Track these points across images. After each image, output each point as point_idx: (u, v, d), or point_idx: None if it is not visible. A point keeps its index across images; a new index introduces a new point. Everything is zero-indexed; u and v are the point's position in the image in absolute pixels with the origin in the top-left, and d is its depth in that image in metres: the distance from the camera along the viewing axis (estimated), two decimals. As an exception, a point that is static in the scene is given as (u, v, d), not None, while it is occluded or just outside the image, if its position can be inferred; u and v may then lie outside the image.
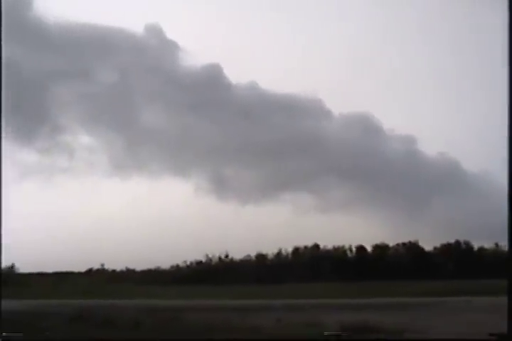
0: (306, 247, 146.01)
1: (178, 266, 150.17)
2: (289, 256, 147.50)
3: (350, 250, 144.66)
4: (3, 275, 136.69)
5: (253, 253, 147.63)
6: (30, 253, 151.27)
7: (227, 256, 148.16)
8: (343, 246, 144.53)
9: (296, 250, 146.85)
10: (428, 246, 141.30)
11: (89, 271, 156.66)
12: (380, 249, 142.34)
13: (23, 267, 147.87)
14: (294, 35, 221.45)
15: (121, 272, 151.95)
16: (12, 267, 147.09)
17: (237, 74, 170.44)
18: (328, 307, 57.78)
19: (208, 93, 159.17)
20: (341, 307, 56.76)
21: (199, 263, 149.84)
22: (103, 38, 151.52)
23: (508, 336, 16.17)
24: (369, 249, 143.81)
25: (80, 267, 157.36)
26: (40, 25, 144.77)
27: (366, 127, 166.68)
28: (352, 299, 72.50)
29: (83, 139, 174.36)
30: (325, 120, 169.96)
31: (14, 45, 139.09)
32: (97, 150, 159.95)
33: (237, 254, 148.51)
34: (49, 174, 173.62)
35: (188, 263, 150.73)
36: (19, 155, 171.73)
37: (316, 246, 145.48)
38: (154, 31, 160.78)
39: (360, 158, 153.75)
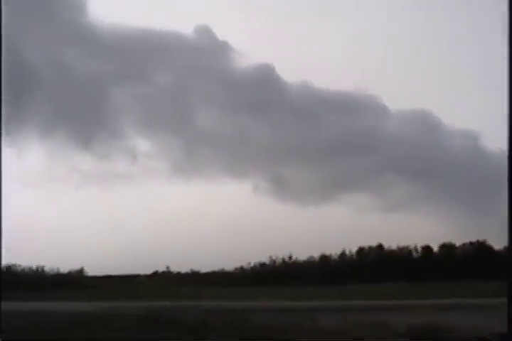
0: (370, 247, 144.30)
1: (242, 267, 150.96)
2: (353, 256, 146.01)
3: (416, 250, 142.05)
4: (73, 278, 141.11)
5: (316, 254, 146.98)
6: (98, 256, 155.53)
7: (290, 258, 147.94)
8: (407, 246, 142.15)
9: (360, 250, 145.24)
10: (497, 245, 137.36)
11: (155, 274, 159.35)
12: (447, 248, 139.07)
13: (92, 270, 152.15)
14: (346, 31, 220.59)
15: (186, 274, 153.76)
16: (81, 270, 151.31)
17: (290, 73, 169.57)
18: (394, 308, 56.97)
19: (262, 93, 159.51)
20: (408, 308, 55.87)
21: (263, 264, 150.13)
22: (156, 41, 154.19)
23: (508, 336, 16.14)
24: (435, 248, 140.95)
25: (146, 270, 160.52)
26: (95, 31, 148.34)
27: (425, 123, 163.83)
28: (418, 300, 71.22)
29: (141, 143, 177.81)
30: (382, 117, 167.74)
31: (71, 50, 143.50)
32: (156, 154, 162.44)
33: (301, 255, 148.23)
34: (111, 178, 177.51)
35: (252, 264, 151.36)
36: (79, 161, 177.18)
37: (380, 247, 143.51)
38: (206, 32, 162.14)
39: (421, 155, 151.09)
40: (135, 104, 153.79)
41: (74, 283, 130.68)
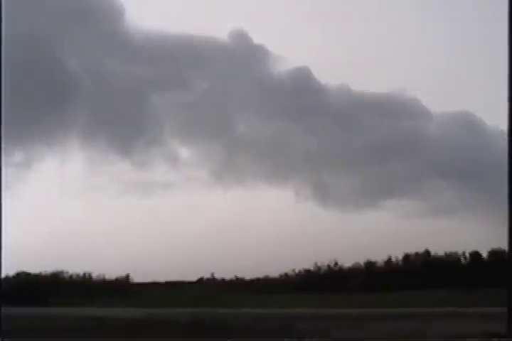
0: (416, 254, 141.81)
1: (286, 274, 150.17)
2: (399, 263, 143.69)
3: (464, 256, 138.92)
4: (119, 285, 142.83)
5: (362, 261, 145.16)
6: (144, 263, 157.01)
7: (336, 264, 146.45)
8: (455, 252, 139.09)
9: (406, 257, 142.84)
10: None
11: (200, 280, 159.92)
12: (497, 254, 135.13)
13: (138, 277, 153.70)
14: (384, 33, 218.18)
15: (231, 281, 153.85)
16: (127, 277, 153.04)
17: (328, 76, 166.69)
18: (442, 315, 55.68)
19: (301, 97, 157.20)
20: (456, 316, 54.50)
21: (307, 271, 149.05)
22: (192, 47, 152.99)
23: (508, 336, 15.93)
24: (484, 254, 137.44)
25: (191, 276, 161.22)
26: (132, 39, 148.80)
27: (468, 125, 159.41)
28: (467, 308, 69.48)
29: (180, 150, 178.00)
30: (424, 120, 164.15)
31: (109, 58, 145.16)
32: (196, 162, 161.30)
33: (346, 262, 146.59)
34: (152, 186, 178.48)
35: (297, 271, 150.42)
36: (120, 169, 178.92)
37: (427, 253, 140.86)
38: (241, 37, 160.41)
39: (466, 158, 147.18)
40: (174, 111, 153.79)
41: (120, 290, 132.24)
